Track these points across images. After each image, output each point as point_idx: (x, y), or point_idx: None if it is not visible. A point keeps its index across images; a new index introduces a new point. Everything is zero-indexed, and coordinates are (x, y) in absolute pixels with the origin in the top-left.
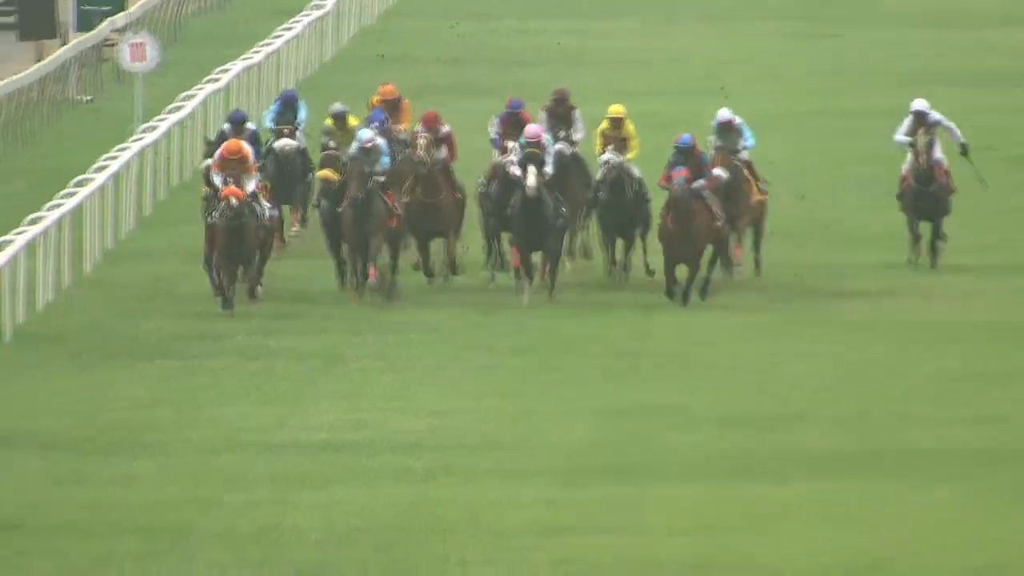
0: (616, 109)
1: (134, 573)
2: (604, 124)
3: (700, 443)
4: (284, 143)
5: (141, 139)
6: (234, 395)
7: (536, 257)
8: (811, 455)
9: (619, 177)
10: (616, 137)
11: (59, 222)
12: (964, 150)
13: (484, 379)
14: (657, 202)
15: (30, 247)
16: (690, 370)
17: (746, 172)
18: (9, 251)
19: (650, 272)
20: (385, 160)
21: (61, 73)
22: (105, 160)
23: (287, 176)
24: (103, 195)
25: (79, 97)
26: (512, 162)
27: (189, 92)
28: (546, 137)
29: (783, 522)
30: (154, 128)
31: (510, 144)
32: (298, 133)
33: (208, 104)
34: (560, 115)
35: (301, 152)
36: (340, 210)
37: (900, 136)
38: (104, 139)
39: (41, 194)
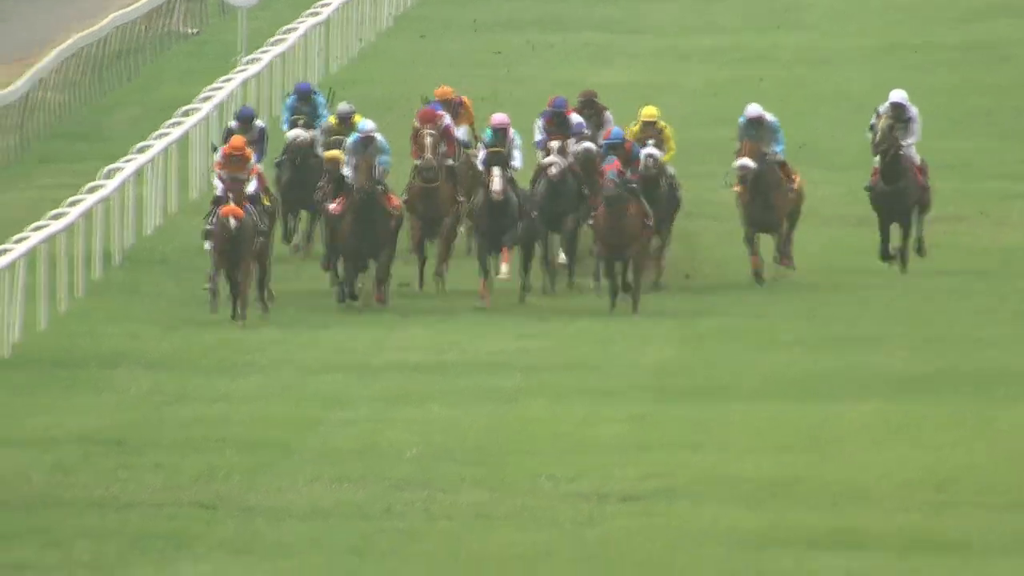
0: (650, 112)
1: (238, 488)
2: (635, 127)
3: (780, 364)
4: (296, 133)
5: (244, 71)
6: (334, 320)
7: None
8: (887, 376)
9: (657, 175)
10: (648, 140)
11: (166, 150)
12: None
13: (570, 306)
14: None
15: (139, 174)
16: (771, 294)
17: (778, 170)
18: (118, 178)
19: (687, 276)
20: (384, 159)
21: (167, 7)
22: (209, 91)
23: (303, 175)
24: (207, 125)
25: (185, 30)
26: (555, 163)
27: (290, 25)
28: (513, 131)
29: (859, 440)
30: (256, 60)
31: (553, 144)
32: (317, 130)
33: (308, 37)
34: (588, 117)
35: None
36: (337, 215)
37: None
38: (208, 71)
39: (148, 124)
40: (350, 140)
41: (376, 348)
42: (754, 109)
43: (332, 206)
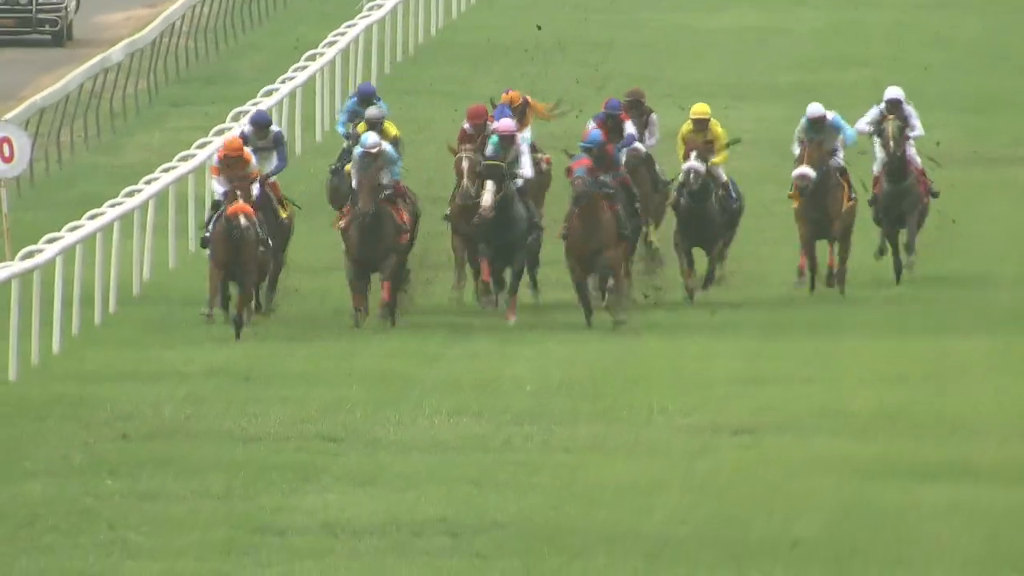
0: (701, 109)
1: (363, 418)
2: (686, 126)
3: (892, 300)
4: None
5: (368, 16)
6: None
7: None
8: (998, 311)
9: (705, 185)
10: (700, 140)
11: (291, 93)
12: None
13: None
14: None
15: None
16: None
17: (838, 176)
18: (245, 121)
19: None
20: (395, 170)
21: None
22: (334, 36)
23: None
24: (332, 69)
25: None
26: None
27: None
28: (521, 136)
29: (972, 373)
30: (380, 6)
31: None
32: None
33: None
34: (634, 118)
35: None
36: (343, 228)
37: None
38: (333, 15)
39: (275, 68)
40: (356, 154)
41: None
42: (815, 109)
43: (341, 222)
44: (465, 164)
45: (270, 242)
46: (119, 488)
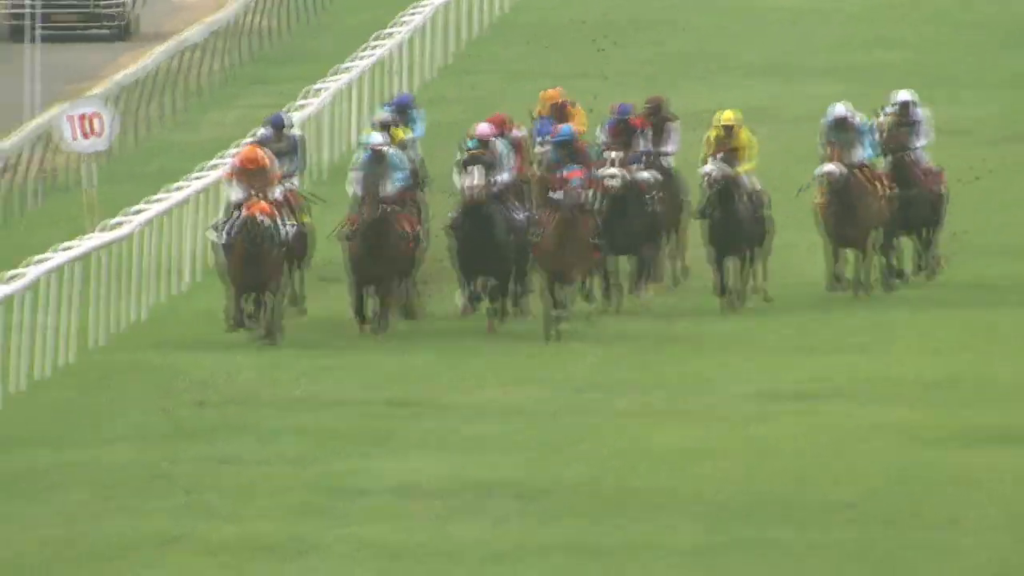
0: (729, 115)
1: (433, 385)
2: (714, 132)
3: (942, 272)
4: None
5: None
6: None
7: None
8: None
9: (726, 188)
10: (726, 147)
11: (362, 73)
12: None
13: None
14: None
15: (336, 96)
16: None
17: (862, 174)
18: (319, 99)
19: (767, 298)
20: (399, 176)
21: None
22: (405, 16)
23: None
24: (400, 50)
25: None
26: (614, 175)
27: None
28: (499, 142)
29: (1018, 343)
30: None
31: (613, 155)
32: (410, 148)
33: None
34: (654, 125)
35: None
36: (346, 237)
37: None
38: None
39: (347, 48)
40: (361, 156)
41: None
42: (839, 109)
43: (343, 230)
44: (477, 170)
45: (288, 239)
46: (197, 453)
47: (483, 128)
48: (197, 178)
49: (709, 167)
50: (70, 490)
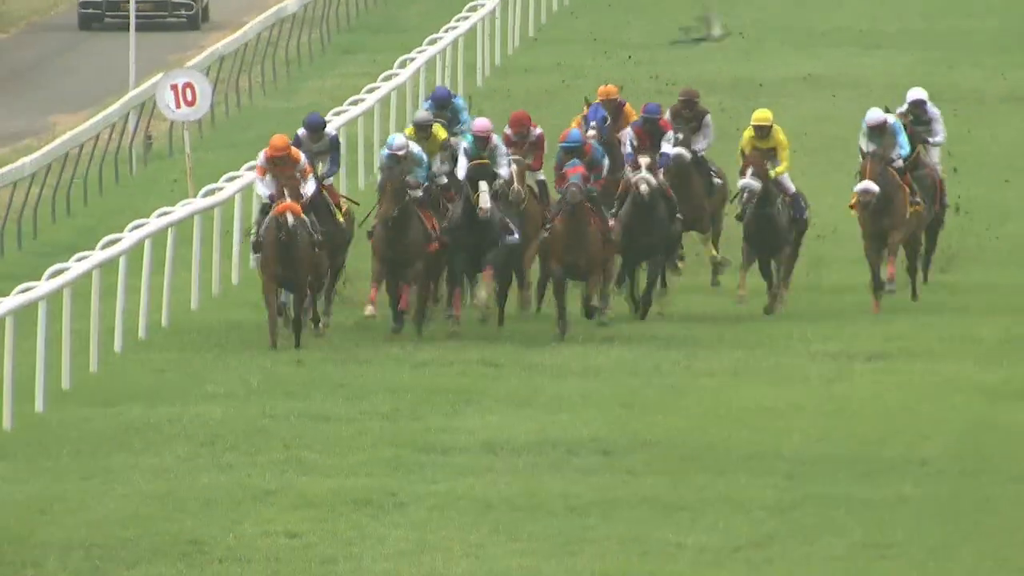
0: (763, 115)
1: (520, 345)
2: (748, 133)
3: (1014, 235)
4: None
5: None
6: None
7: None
8: None
9: (766, 193)
10: (762, 149)
11: (454, 42)
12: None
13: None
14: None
15: (429, 64)
16: (1004, 171)
17: (899, 180)
18: (411, 67)
19: (771, 306)
20: (421, 173)
21: None
22: None
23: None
24: (493, 18)
25: None
26: (645, 179)
27: None
28: (496, 138)
29: None
30: None
31: (643, 159)
32: (463, 128)
33: None
34: (687, 119)
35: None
36: (370, 230)
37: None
38: None
39: (439, 17)
40: (382, 155)
41: None
42: (876, 115)
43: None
44: (514, 168)
45: (321, 241)
46: (294, 409)
47: (482, 123)
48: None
49: (749, 180)
50: (169, 445)
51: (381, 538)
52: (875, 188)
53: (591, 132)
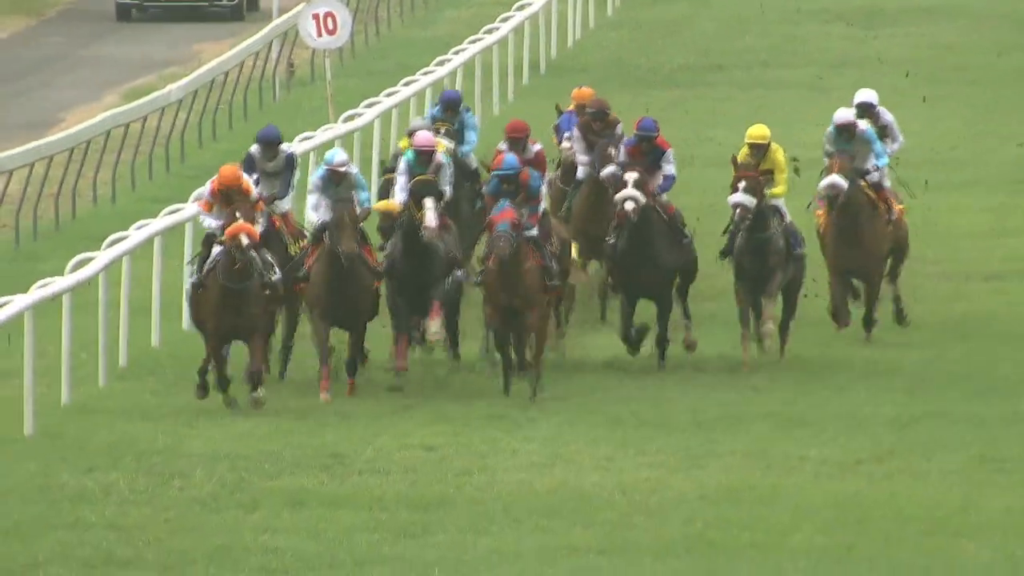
0: (759, 132)
1: None
2: (742, 151)
3: None
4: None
5: None
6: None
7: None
8: None
9: (759, 217)
10: (756, 168)
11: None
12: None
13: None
14: None
15: (508, 38)
16: None
17: (872, 193)
18: (499, 35)
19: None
20: (364, 197)
21: None
22: None
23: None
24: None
25: None
26: (632, 198)
27: None
28: (441, 152)
29: None
30: None
31: (629, 176)
32: (466, 149)
33: None
34: (599, 132)
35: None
36: (300, 275)
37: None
38: None
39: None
40: (316, 175)
41: None
42: (844, 114)
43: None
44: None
45: (278, 277)
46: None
47: (424, 137)
48: (428, 72)
49: (740, 196)
50: (311, 363)
51: (514, 451)
52: (843, 183)
53: (565, 144)
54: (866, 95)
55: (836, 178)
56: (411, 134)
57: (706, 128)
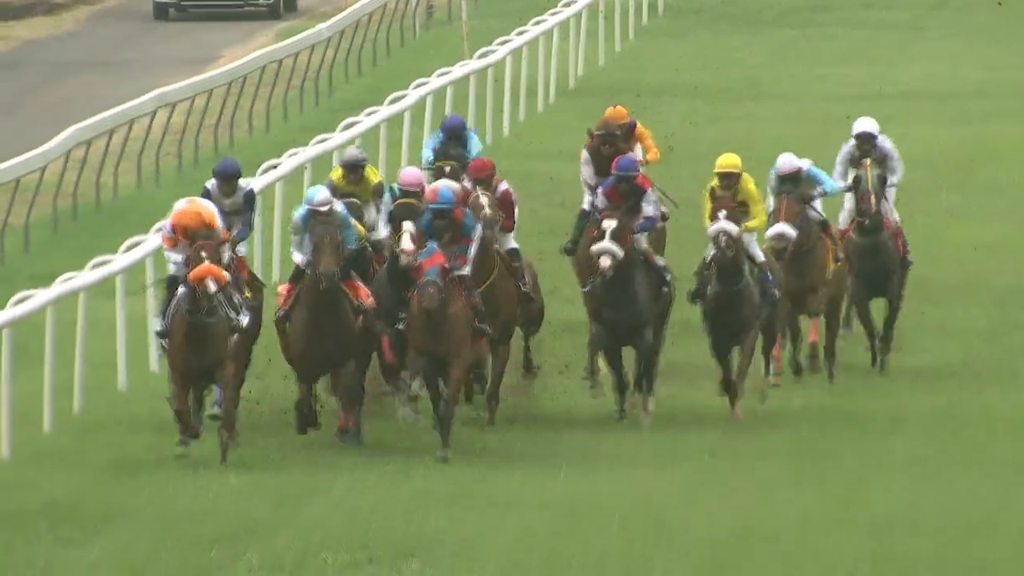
0: (729, 162)
1: None
2: (713, 182)
3: None
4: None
5: None
6: (845, 57)
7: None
8: None
9: (736, 259)
10: (728, 200)
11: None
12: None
13: None
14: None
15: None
16: None
17: (821, 232)
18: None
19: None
20: (352, 236)
21: None
22: None
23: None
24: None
25: None
26: (608, 252)
27: None
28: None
29: None
30: None
31: (608, 223)
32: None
33: None
34: (608, 156)
35: None
36: (281, 314)
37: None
38: None
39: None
40: (298, 215)
41: (874, 81)
42: (787, 162)
43: (281, 302)
44: (484, 199)
45: (247, 318)
46: None
47: (412, 174)
48: (555, 13)
49: (723, 223)
50: None
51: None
52: (791, 233)
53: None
54: (866, 124)
55: (784, 227)
56: (344, 164)
57: (815, 67)
